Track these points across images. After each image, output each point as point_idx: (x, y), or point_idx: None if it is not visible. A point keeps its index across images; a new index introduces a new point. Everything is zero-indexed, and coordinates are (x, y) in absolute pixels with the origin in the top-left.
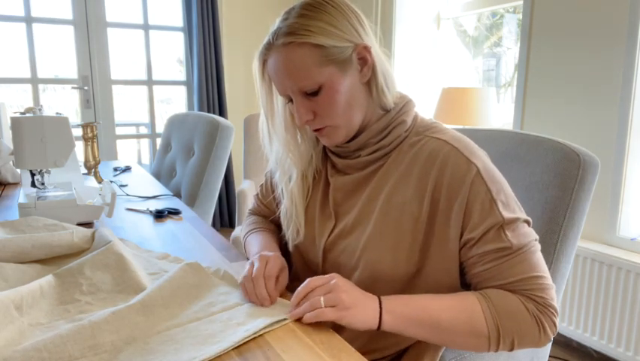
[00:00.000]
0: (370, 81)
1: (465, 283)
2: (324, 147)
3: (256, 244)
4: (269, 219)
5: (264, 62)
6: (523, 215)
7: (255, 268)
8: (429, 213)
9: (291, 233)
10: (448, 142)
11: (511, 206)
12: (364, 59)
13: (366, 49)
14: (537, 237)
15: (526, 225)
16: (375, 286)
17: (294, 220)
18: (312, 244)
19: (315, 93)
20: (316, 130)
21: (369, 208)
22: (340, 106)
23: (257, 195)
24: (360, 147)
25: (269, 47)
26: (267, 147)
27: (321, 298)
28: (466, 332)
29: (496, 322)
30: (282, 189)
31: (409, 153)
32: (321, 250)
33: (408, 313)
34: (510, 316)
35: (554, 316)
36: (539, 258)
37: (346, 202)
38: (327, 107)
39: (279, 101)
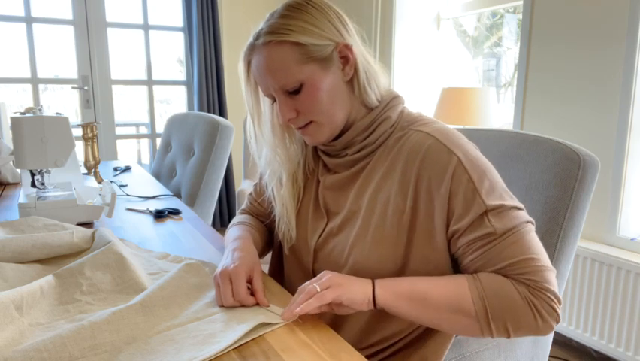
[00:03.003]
0: (352, 80)
1: None
2: (316, 147)
3: (231, 238)
4: (259, 219)
5: (248, 63)
6: (510, 202)
7: (222, 293)
8: (412, 207)
9: (285, 236)
10: (430, 134)
11: (497, 192)
12: (346, 57)
13: (348, 47)
14: (531, 220)
15: (514, 210)
16: None
17: (286, 223)
18: (305, 243)
19: (297, 91)
20: (299, 128)
21: (357, 206)
22: (322, 103)
23: (250, 193)
24: (345, 146)
25: (252, 48)
26: (254, 147)
27: (316, 285)
28: (454, 309)
29: (483, 300)
30: (272, 191)
31: (394, 148)
32: (312, 249)
33: (397, 287)
34: (499, 297)
35: (552, 300)
36: (531, 240)
37: (336, 201)
38: (309, 105)
39: (265, 103)
